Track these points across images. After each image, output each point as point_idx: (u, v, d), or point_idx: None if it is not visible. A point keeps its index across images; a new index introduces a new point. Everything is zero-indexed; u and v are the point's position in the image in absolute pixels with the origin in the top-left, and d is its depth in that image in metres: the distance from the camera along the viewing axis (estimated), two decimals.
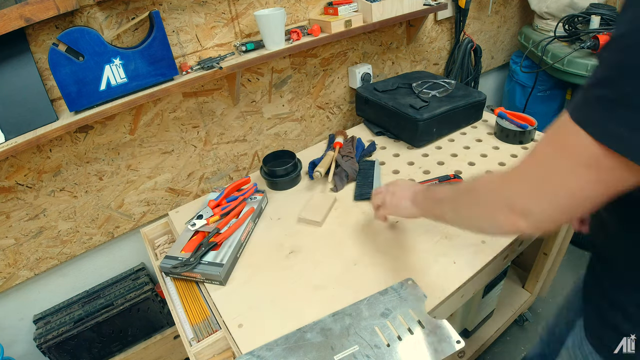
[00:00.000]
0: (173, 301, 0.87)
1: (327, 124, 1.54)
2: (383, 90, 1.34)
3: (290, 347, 0.69)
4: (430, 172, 1.11)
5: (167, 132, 1.17)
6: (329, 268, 0.85)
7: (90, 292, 1.25)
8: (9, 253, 1.07)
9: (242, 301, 0.81)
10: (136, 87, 0.97)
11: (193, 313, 0.84)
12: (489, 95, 2.11)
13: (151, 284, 1.25)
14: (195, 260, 0.85)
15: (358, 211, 1.01)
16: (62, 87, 0.88)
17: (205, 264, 0.85)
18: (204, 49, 1.12)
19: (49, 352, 1.12)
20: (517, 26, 2.04)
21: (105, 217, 1.18)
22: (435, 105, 1.21)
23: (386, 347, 0.67)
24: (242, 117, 1.30)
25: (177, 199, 1.29)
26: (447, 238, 0.89)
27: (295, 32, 1.16)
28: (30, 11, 0.78)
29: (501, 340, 1.45)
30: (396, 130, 1.29)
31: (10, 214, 1.03)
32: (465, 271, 0.81)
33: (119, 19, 0.97)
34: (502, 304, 1.39)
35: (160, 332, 1.31)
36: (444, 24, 1.69)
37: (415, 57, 1.68)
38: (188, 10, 1.05)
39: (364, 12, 1.25)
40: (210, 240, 0.90)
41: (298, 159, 1.17)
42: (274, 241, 0.95)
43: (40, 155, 1.01)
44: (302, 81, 1.38)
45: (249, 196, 1.05)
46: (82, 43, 0.87)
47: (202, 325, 0.82)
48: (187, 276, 0.87)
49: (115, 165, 1.13)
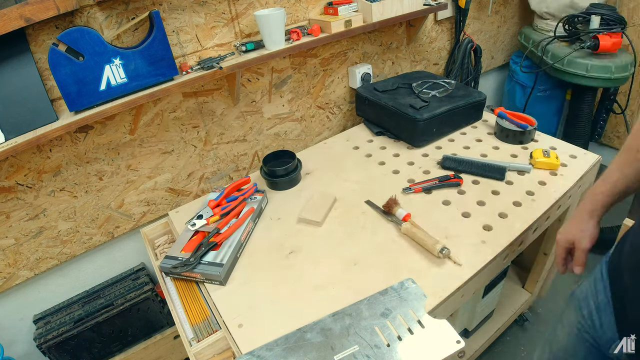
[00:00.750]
0: (173, 301, 0.87)
1: (327, 124, 1.54)
2: (383, 90, 1.34)
3: (290, 347, 0.69)
4: (430, 172, 1.11)
5: (167, 132, 1.17)
6: (329, 268, 0.85)
7: (90, 292, 1.25)
8: (9, 253, 1.07)
9: (242, 301, 0.81)
10: (136, 87, 0.97)
11: (193, 313, 0.85)
12: (489, 95, 2.10)
13: (151, 284, 1.25)
14: (195, 261, 0.85)
15: (358, 211, 1.01)
16: (62, 87, 0.88)
17: (205, 264, 0.85)
18: (204, 49, 1.12)
19: (49, 352, 1.12)
20: (517, 26, 2.04)
21: (105, 217, 1.18)
22: (435, 105, 1.21)
23: (386, 347, 0.67)
24: (242, 117, 1.30)
25: (177, 199, 1.29)
26: (447, 238, 0.89)
27: (295, 32, 1.16)
28: (30, 11, 0.78)
29: (501, 340, 1.45)
30: (396, 130, 1.29)
31: (10, 214, 1.03)
32: (465, 271, 0.81)
33: (119, 19, 0.97)
34: (502, 304, 1.39)
35: (160, 332, 1.31)
36: (444, 24, 1.69)
37: (415, 57, 1.68)
38: (188, 10, 1.05)
39: (364, 12, 1.25)
40: (210, 240, 0.90)
41: (298, 159, 1.17)
42: (274, 241, 0.95)
43: (40, 155, 1.01)
44: (302, 81, 1.38)
45: (249, 196, 1.05)
46: (82, 43, 0.87)
47: (202, 325, 0.82)
48: (187, 276, 0.87)
49: (115, 165, 1.13)
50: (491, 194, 1.01)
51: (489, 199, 0.99)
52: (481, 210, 0.96)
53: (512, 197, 0.99)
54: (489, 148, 1.19)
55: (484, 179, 1.06)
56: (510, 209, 0.95)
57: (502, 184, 1.04)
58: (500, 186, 1.03)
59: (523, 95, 1.90)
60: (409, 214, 0.94)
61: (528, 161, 1.11)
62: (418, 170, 1.13)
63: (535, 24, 1.83)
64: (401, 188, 1.05)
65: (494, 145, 1.20)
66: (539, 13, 1.77)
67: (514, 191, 1.01)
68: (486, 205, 0.97)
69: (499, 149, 1.18)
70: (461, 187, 1.04)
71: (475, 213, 0.95)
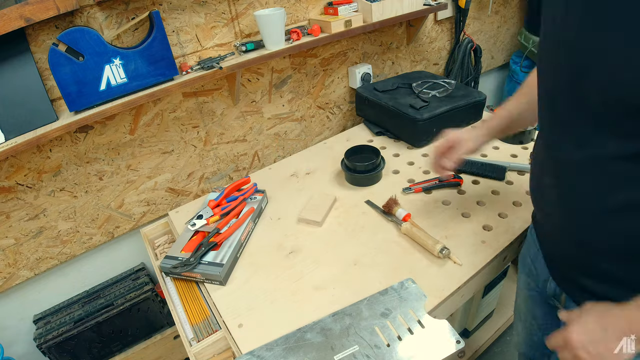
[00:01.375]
0: (173, 301, 0.87)
1: (327, 124, 1.54)
2: (383, 90, 1.34)
3: (290, 347, 0.69)
4: (430, 172, 1.11)
5: (167, 132, 1.17)
6: (329, 268, 0.85)
7: (90, 292, 1.25)
8: (9, 253, 1.07)
9: (242, 301, 0.81)
10: (136, 87, 0.97)
11: (193, 313, 0.85)
12: (489, 95, 2.10)
13: (151, 284, 1.25)
14: (195, 261, 0.85)
15: (358, 211, 1.01)
16: (62, 87, 0.88)
17: (205, 264, 0.85)
18: (204, 49, 1.12)
19: (49, 352, 1.12)
20: (517, 26, 2.04)
21: (105, 217, 1.18)
22: (435, 105, 1.21)
23: (386, 347, 0.67)
24: (242, 117, 1.30)
25: (177, 199, 1.29)
26: (447, 238, 0.89)
27: (295, 32, 1.16)
28: (30, 11, 0.78)
29: (501, 340, 1.45)
30: (396, 130, 1.29)
31: (10, 214, 1.03)
32: (465, 271, 0.81)
33: (119, 19, 0.97)
34: (502, 304, 1.39)
35: (160, 332, 1.31)
36: (444, 24, 1.69)
37: (415, 57, 1.68)
38: (188, 10, 1.05)
39: (364, 12, 1.25)
40: (210, 240, 0.90)
41: (382, 157, 1.13)
42: (274, 241, 0.95)
43: (40, 155, 1.01)
44: (302, 81, 1.38)
45: (249, 196, 1.05)
46: (82, 43, 0.87)
47: (202, 325, 0.82)
48: (187, 276, 0.87)
49: (115, 165, 1.13)
50: (491, 194, 1.01)
51: (489, 199, 0.99)
52: (481, 210, 0.96)
53: (512, 197, 0.99)
54: (489, 148, 1.19)
55: (484, 179, 1.06)
56: (510, 209, 0.95)
57: (502, 184, 1.04)
58: (500, 186, 1.03)
59: None
60: (409, 214, 0.94)
61: (528, 161, 1.11)
62: (418, 170, 1.13)
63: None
64: (401, 188, 1.06)
65: (494, 146, 1.20)
66: None
67: (514, 191, 1.01)
68: (486, 205, 0.97)
69: (499, 149, 1.18)
70: (461, 187, 1.04)
71: (475, 213, 0.95)
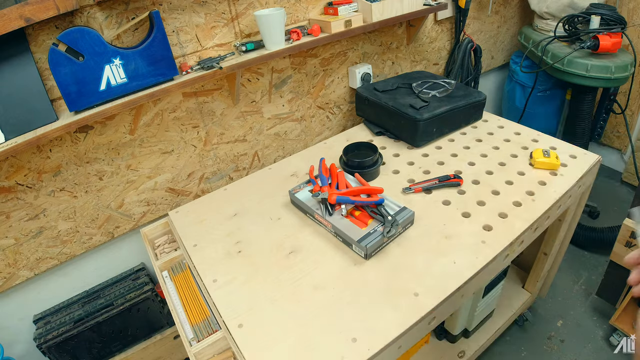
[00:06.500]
0: (173, 301, 0.87)
1: (327, 124, 1.54)
2: (383, 90, 1.34)
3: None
4: (430, 172, 1.11)
5: (167, 132, 1.17)
6: (329, 268, 0.85)
7: (90, 292, 1.25)
8: (9, 253, 1.07)
9: (242, 301, 0.81)
10: (136, 87, 0.97)
11: (193, 313, 0.85)
12: (489, 95, 2.10)
13: (151, 284, 1.25)
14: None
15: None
16: (62, 87, 0.88)
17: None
18: (204, 49, 1.12)
19: (49, 352, 1.12)
20: (517, 26, 2.04)
21: (105, 217, 1.18)
22: (435, 105, 1.21)
23: None
24: (242, 117, 1.30)
25: (177, 199, 1.29)
26: (447, 238, 0.89)
27: (295, 32, 1.16)
28: (30, 11, 0.78)
29: (501, 340, 1.45)
30: (396, 130, 1.29)
31: (10, 214, 1.03)
32: (465, 271, 0.81)
33: (119, 19, 0.97)
34: (502, 304, 1.39)
35: (160, 332, 1.31)
36: (444, 24, 1.69)
37: (415, 57, 1.68)
38: (188, 10, 1.05)
39: (364, 12, 1.25)
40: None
41: (380, 154, 1.14)
42: (274, 241, 0.95)
43: (40, 155, 1.01)
44: (302, 81, 1.38)
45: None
46: (82, 43, 0.87)
47: (202, 325, 0.82)
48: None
49: (115, 165, 1.13)
50: (491, 194, 1.01)
51: (489, 199, 0.99)
52: (481, 210, 0.96)
53: (512, 197, 0.99)
54: (489, 148, 1.19)
55: (484, 179, 1.06)
56: (510, 209, 0.95)
57: (503, 184, 1.03)
58: (501, 186, 1.03)
59: (523, 95, 1.90)
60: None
61: (528, 161, 1.11)
62: (418, 170, 1.13)
63: (535, 24, 1.83)
64: (401, 188, 1.05)
65: (494, 146, 1.20)
66: (539, 13, 1.77)
67: (514, 191, 1.01)
68: (486, 205, 0.97)
69: (499, 149, 1.18)
70: (461, 187, 1.04)
71: (475, 213, 0.95)
